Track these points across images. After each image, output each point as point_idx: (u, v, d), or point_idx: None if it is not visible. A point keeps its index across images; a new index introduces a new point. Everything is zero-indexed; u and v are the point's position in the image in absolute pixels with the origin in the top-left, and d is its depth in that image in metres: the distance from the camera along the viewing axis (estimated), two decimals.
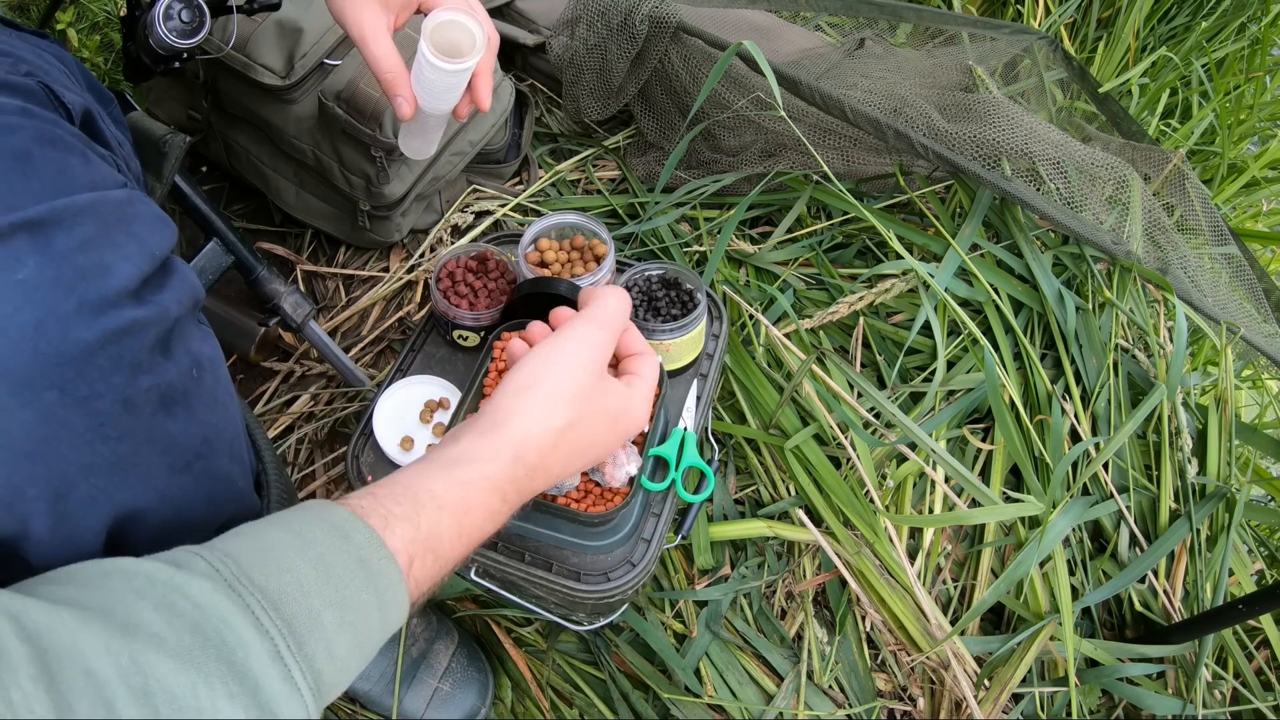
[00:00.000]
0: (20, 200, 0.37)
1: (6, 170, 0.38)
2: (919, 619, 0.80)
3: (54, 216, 0.38)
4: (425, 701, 0.80)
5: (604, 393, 0.53)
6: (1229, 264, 1.07)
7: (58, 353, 0.36)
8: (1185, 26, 1.66)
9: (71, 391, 0.37)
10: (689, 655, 0.81)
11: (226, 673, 0.31)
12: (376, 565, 0.39)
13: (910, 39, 1.34)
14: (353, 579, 0.38)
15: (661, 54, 1.05)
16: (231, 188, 1.21)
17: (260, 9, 0.83)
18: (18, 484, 0.36)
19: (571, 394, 0.50)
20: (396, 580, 0.39)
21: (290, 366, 1.05)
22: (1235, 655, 0.83)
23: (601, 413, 0.52)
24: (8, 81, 0.42)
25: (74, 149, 0.42)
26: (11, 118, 0.40)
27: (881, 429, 0.88)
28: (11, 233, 0.36)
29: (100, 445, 0.39)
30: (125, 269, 0.40)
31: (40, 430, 0.36)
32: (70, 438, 0.38)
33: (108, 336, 0.38)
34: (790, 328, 0.95)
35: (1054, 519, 0.80)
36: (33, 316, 0.36)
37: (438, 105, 0.71)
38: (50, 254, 0.37)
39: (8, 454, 0.36)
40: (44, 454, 0.37)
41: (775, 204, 1.08)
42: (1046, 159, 0.95)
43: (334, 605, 0.36)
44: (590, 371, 0.52)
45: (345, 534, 0.39)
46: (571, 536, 0.67)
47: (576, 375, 0.51)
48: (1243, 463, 0.97)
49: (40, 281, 0.36)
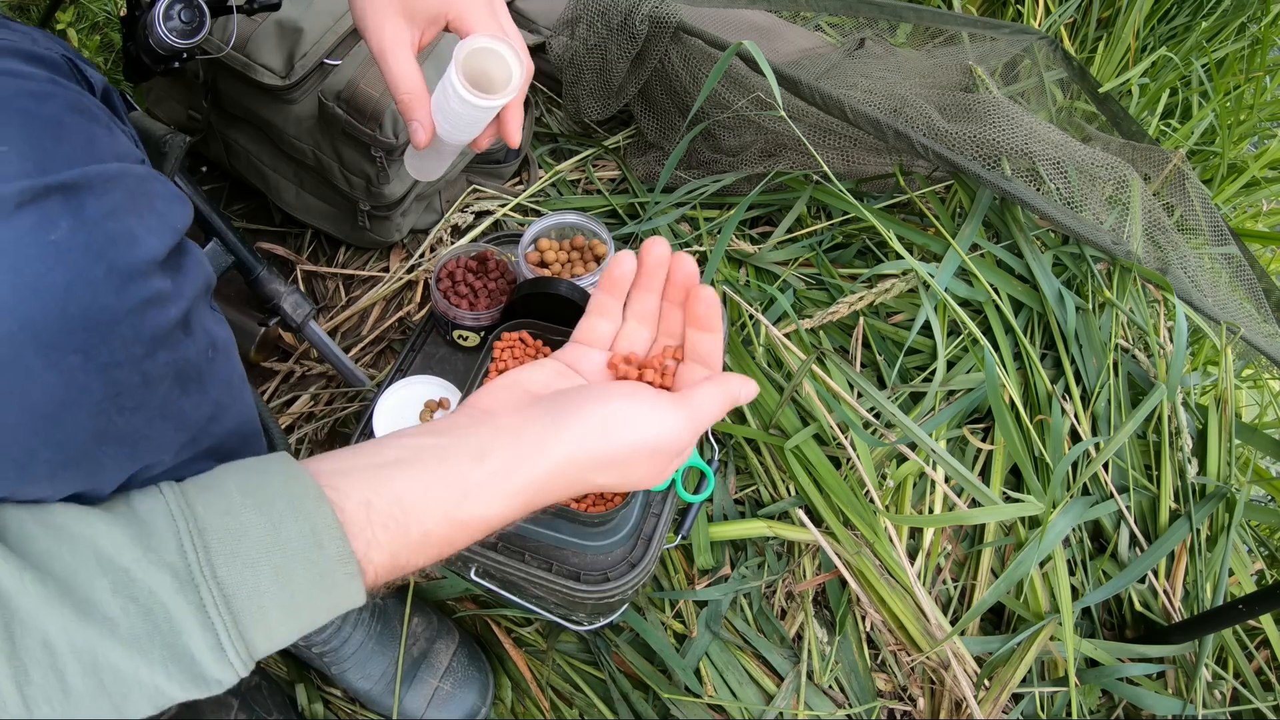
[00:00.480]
0: (54, 164, 0.37)
1: (40, 135, 0.38)
2: (919, 619, 0.80)
3: (86, 182, 0.38)
4: (426, 701, 0.80)
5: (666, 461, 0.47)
6: (1229, 264, 1.07)
7: (85, 316, 0.37)
8: (1185, 26, 1.66)
9: (94, 357, 0.37)
10: (689, 655, 0.81)
11: (168, 657, 0.35)
12: (342, 585, 0.38)
13: (910, 39, 1.34)
14: (312, 590, 0.38)
15: (661, 54, 1.05)
16: (231, 188, 1.21)
17: (260, 9, 0.83)
18: (33, 446, 0.36)
19: (640, 469, 0.46)
20: (357, 596, 0.39)
21: (290, 366, 1.05)
22: (1235, 655, 0.83)
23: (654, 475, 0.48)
24: (35, 53, 0.43)
25: (100, 120, 0.43)
26: (44, 85, 0.41)
27: (881, 429, 0.88)
28: (46, 194, 0.36)
29: (116, 416, 0.39)
30: (151, 241, 0.40)
31: (60, 394, 0.37)
32: (88, 405, 0.38)
33: (133, 306, 0.39)
34: (790, 328, 0.95)
35: (1054, 519, 0.80)
36: (64, 278, 0.36)
37: (458, 136, 0.63)
38: (82, 218, 0.37)
39: (27, 415, 0.36)
40: (61, 419, 0.37)
41: (775, 204, 1.08)
42: (1046, 159, 0.95)
43: (284, 606, 0.37)
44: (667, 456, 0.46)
45: (320, 543, 0.38)
46: (571, 536, 0.67)
47: (654, 459, 0.46)
48: (1243, 463, 0.97)
49: (72, 244, 0.37)
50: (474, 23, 0.61)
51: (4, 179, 0.36)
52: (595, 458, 0.44)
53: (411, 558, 0.40)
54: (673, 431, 0.45)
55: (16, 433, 0.36)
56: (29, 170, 0.36)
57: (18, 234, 0.35)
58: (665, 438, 0.45)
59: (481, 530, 0.42)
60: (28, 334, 0.35)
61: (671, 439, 0.45)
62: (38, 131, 0.38)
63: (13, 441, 0.36)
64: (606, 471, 0.45)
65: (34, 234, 0.36)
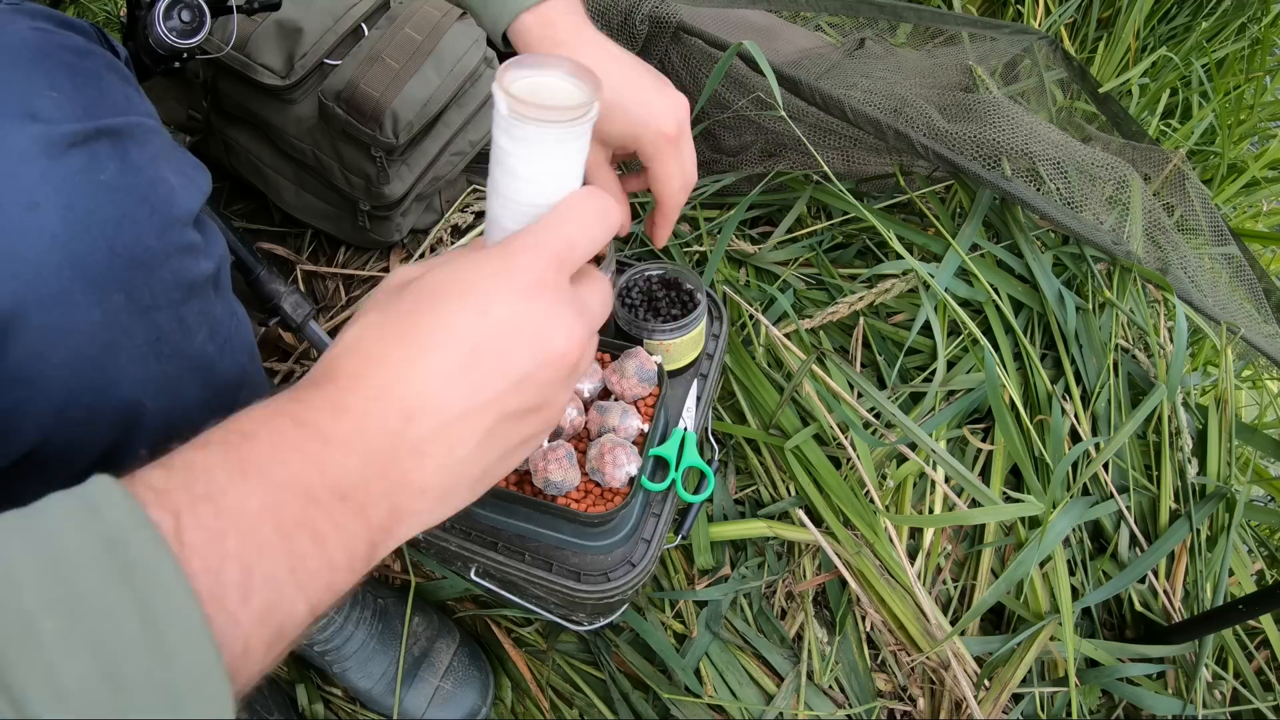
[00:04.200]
0: (101, 110, 0.39)
1: (85, 84, 0.40)
2: (919, 619, 0.80)
3: (129, 130, 0.40)
4: (426, 700, 0.80)
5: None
6: (1229, 264, 1.07)
7: (130, 255, 0.38)
8: (1185, 26, 1.66)
9: (137, 298, 0.38)
10: (689, 655, 0.81)
11: None
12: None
13: (910, 39, 1.34)
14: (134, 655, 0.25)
15: (662, 54, 1.05)
16: (231, 188, 1.21)
17: (260, 9, 0.83)
18: (74, 389, 0.37)
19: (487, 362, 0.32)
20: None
21: (290, 366, 1.05)
22: (1235, 655, 0.83)
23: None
24: (70, 21, 0.44)
25: (132, 83, 0.44)
26: (82, 44, 0.42)
27: (881, 429, 0.88)
28: (96, 137, 0.38)
29: (154, 362, 0.40)
30: (185, 196, 0.42)
31: (104, 334, 0.37)
32: (130, 348, 0.38)
33: (173, 251, 0.40)
34: (790, 328, 0.95)
35: (1054, 519, 0.80)
36: (113, 215, 0.37)
37: (535, 204, 0.37)
38: (128, 162, 0.39)
39: (73, 354, 0.36)
40: (103, 361, 0.37)
41: (775, 204, 1.08)
42: (1046, 159, 0.95)
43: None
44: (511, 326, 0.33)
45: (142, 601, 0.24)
46: (571, 536, 0.67)
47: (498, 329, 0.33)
48: (1243, 463, 0.97)
49: (120, 185, 0.38)
50: (659, 162, 0.54)
51: (57, 121, 0.37)
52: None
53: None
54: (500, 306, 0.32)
55: (60, 372, 0.36)
56: (79, 115, 0.38)
57: (70, 171, 0.36)
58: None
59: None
60: (77, 269, 0.36)
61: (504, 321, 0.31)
62: (83, 82, 0.40)
63: (55, 382, 0.36)
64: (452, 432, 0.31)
65: (85, 174, 0.37)
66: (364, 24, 1.01)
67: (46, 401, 0.36)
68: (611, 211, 0.37)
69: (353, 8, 0.99)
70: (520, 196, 0.37)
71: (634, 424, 0.67)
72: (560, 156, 0.36)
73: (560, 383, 0.34)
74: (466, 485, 0.33)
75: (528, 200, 0.37)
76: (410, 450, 0.30)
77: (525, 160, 0.36)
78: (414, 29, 0.98)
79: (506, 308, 0.31)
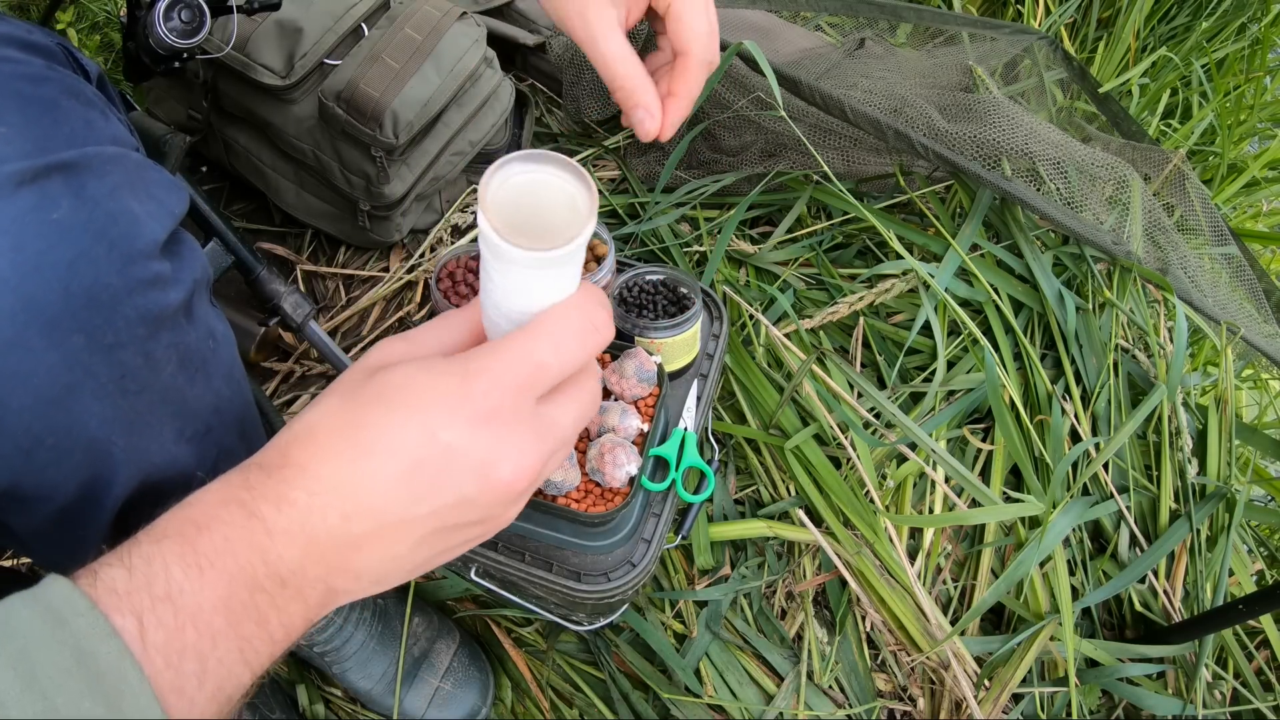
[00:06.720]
0: (53, 144, 0.37)
1: (39, 116, 0.38)
2: (919, 619, 0.80)
3: (86, 162, 0.38)
4: (427, 701, 0.80)
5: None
6: (1229, 264, 1.07)
7: (88, 295, 0.36)
8: (1185, 26, 1.66)
9: (98, 338, 0.37)
10: (689, 655, 0.81)
11: None
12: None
13: (910, 39, 1.34)
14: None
15: None
16: (231, 188, 1.21)
17: (260, 9, 0.83)
18: (37, 432, 0.36)
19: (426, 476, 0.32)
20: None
21: (290, 366, 1.05)
22: (1235, 655, 0.83)
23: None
24: (29, 41, 0.43)
25: (96, 105, 0.43)
26: (39, 69, 0.41)
27: (881, 429, 0.88)
28: (46, 174, 0.36)
29: (120, 399, 0.39)
30: (151, 225, 0.40)
31: (65, 376, 0.36)
32: (94, 387, 0.37)
33: (135, 286, 0.38)
34: (790, 328, 0.95)
35: (1054, 519, 0.80)
36: (66, 256, 0.36)
37: (524, 305, 0.36)
38: (83, 197, 0.37)
39: (32, 399, 0.35)
40: (66, 403, 0.37)
41: (775, 204, 1.08)
42: (1046, 159, 0.95)
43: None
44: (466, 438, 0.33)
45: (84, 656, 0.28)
46: (571, 536, 0.67)
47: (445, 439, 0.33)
48: (1243, 463, 0.97)
49: (74, 223, 0.36)
50: (683, 6, 0.51)
51: (4, 159, 0.35)
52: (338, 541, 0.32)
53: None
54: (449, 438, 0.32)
55: (21, 417, 0.35)
56: (29, 150, 0.36)
57: (19, 212, 0.35)
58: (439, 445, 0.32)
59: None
60: (30, 313, 0.35)
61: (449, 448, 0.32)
62: (36, 113, 0.38)
63: (18, 426, 0.35)
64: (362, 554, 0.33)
65: (36, 213, 0.35)
66: (364, 24, 1.01)
67: (12, 445, 0.36)
68: (598, 329, 0.36)
69: (353, 8, 0.99)
70: (504, 304, 0.35)
71: (634, 424, 0.67)
72: (549, 278, 0.34)
73: (504, 504, 0.35)
74: (402, 574, 0.35)
75: (520, 309, 0.35)
76: (348, 544, 0.32)
77: (509, 277, 0.34)
78: (414, 29, 0.98)
79: (452, 433, 0.32)
